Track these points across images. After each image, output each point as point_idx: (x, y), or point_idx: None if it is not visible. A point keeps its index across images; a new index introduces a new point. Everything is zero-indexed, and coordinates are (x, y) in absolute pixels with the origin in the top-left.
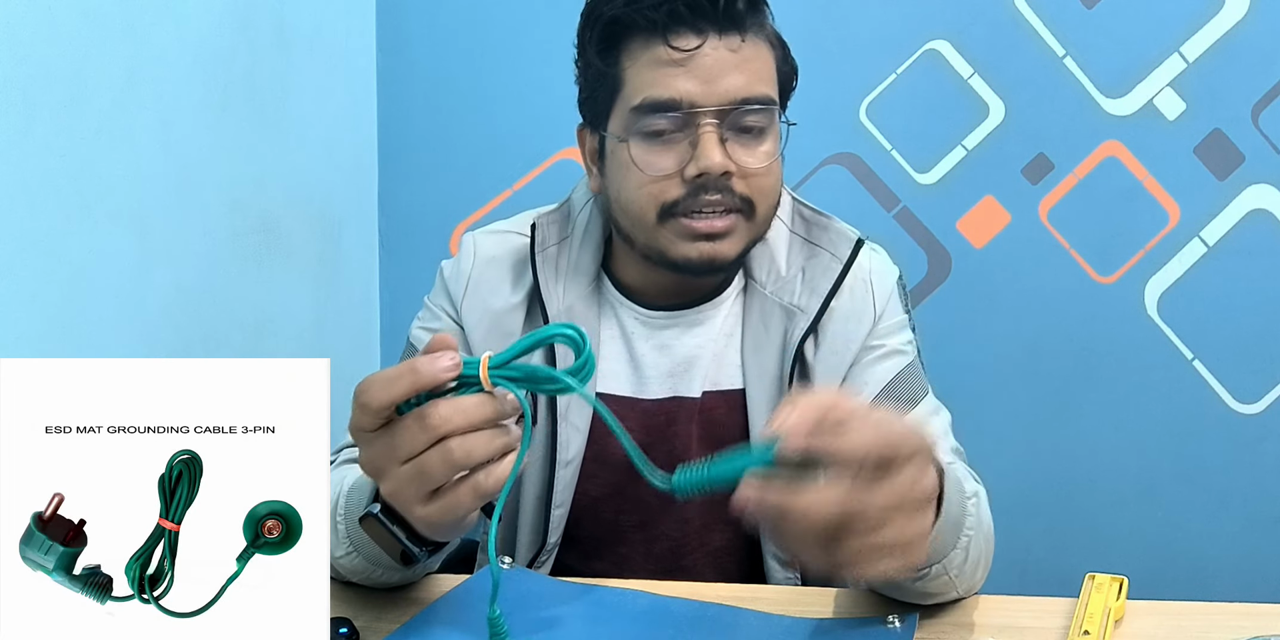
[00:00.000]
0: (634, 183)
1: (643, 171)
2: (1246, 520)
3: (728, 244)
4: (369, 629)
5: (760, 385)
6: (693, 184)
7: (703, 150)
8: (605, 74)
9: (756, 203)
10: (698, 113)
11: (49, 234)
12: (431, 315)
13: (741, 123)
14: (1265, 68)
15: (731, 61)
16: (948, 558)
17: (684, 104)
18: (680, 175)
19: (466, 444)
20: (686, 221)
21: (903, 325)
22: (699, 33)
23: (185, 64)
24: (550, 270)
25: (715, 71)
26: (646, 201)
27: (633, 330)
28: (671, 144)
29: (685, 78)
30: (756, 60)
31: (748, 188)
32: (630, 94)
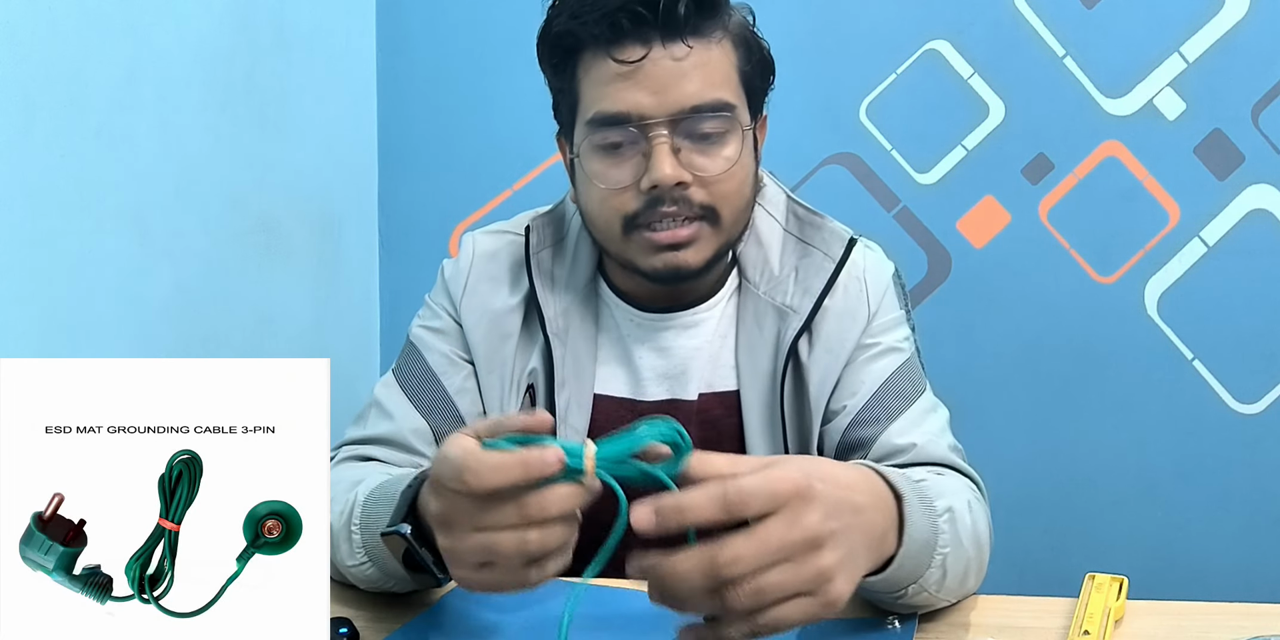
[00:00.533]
0: (596, 197)
1: (600, 185)
2: (1246, 520)
3: (692, 252)
4: (369, 629)
5: (754, 386)
6: (649, 196)
7: (654, 162)
8: (563, 89)
9: (720, 208)
10: (648, 124)
11: (49, 234)
12: (432, 314)
13: (696, 129)
14: (1265, 68)
15: (680, 69)
16: (923, 578)
17: (634, 116)
18: (636, 187)
19: (545, 537)
20: (649, 234)
21: (899, 321)
22: (644, 43)
23: (185, 64)
24: (546, 273)
25: (664, 81)
26: (609, 215)
27: (628, 332)
28: (626, 156)
29: (634, 89)
30: (708, 65)
31: (708, 195)
32: (585, 108)
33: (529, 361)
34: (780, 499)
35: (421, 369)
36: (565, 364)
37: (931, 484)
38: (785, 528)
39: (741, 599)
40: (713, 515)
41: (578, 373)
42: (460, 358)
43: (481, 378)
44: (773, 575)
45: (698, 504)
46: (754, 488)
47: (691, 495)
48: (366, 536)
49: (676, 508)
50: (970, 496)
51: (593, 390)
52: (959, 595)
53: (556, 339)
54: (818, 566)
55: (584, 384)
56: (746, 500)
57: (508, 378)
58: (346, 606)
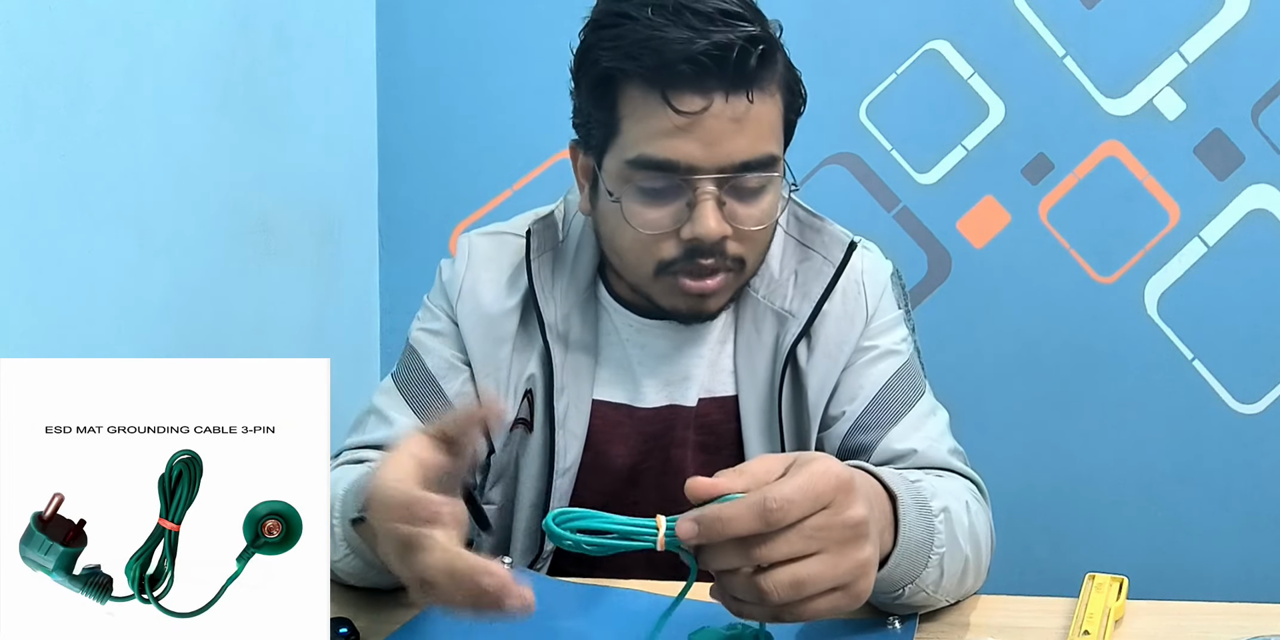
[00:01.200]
0: (629, 236)
1: (638, 229)
2: (1246, 520)
3: (714, 300)
4: (369, 629)
5: (752, 391)
6: (688, 246)
7: (699, 216)
8: (598, 118)
9: (748, 260)
10: (697, 179)
11: (49, 234)
12: (431, 315)
13: (742, 184)
14: (1265, 68)
15: (736, 125)
16: (919, 578)
17: (683, 167)
18: (676, 235)
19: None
20: (682, 280)
21: (897, 322)
22: (704, 94)
23: (185, 64)
24: (546, 277)
25: (718, 134)
26: (643, 257)
27: (628, 338)
28: (668, 202)
29: (686, 140)
30: (763, 119)
31: (741, 247)
32: (626, 145)
33: (527, 366)
34: (824, 500)
35: (420, 373)
36: (564, 369)
37: (927, 485)
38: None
39: (779, 590)
40: (752, 525)
41: (577, 378)
42: (459, 360)
43: (478, 381)
44: (813, 565)
45: (737, 514)
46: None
47: (733, 506)
48: (346, 529)
49: (717, 518)
50: (969, 498)
51: (591, 396)
52: (958, 595)
53: (556, 344)
54: (857, 559)
55: (583, 389)
56: (787, 507)
57: (504, 382)
58: (346, 606)
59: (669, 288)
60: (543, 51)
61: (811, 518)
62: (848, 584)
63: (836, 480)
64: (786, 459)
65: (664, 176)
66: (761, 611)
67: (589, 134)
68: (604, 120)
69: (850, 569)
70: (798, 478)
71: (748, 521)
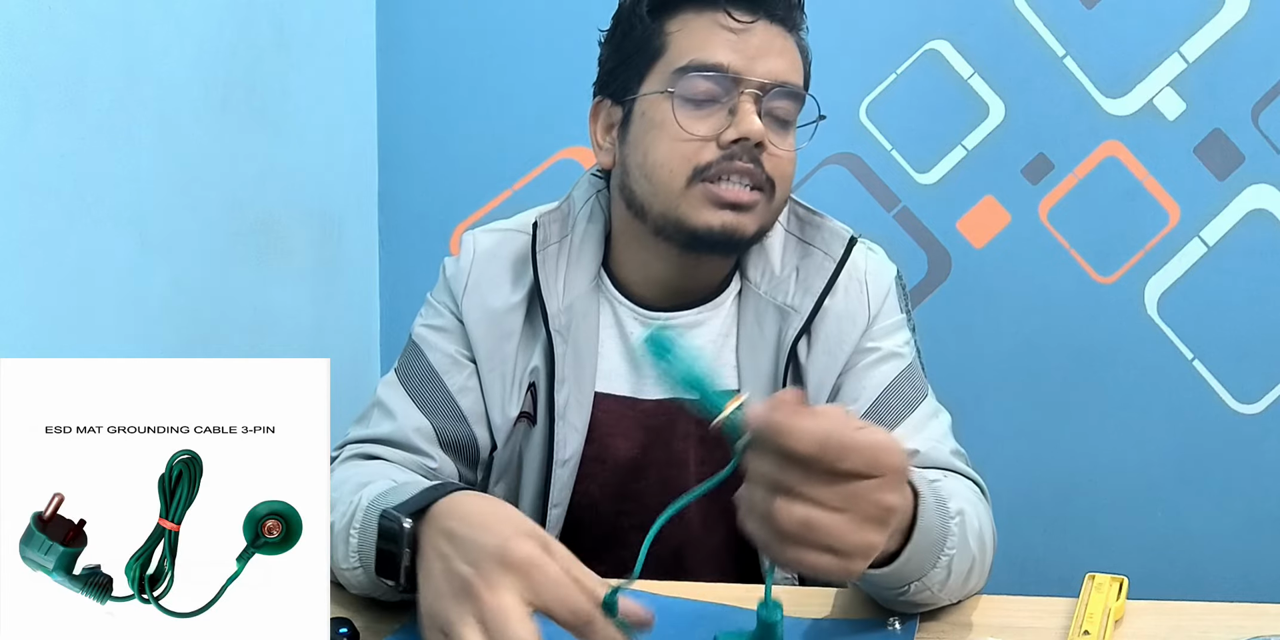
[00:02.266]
0: (668, 141)
1: (681, 128)
2: (1246, 520)
3: (749, 218)
4: (369, 629)
5: (755, 386)
6: (728, 150)
7: (742, 116)
8: (649, 38)
9: (778, 185)
10: (741, 81)
11: (49, 234)
12: (435, 312)
13: (776, 107)
14: (1265, 68)
15: (777, 46)
16: (926, 576)
17: (731, 71)
18: (716, 140)
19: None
20: (714, 187)
21: (899, 325)
22: (753, 12)
23: (185, 64)
24: (551, 268)
25: (762, 50)
26: (679, 162)
27: (631, 330)
28: (711, 110)
29: (733, 48)
30: (794, 54)
31: (774, 168)
32: (676, 56)
33: (530, 359)
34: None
35: (423, 368)
36: (566, 361)
37: (944, 485)
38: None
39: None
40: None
41: (578, 370)
42: (463, 356)
43: (483, 376)
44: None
45: (804, 431)
46: (862, 446)
47: (802, 423)
48: (363, 541)
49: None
50: (976, 500)
51: (594, 388)
52: (960, 596)
53: (559, 335)
54: (869, 540)
55: (585, 381)
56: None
57: (509, 376)
58: (346, 606)
59: (702, 198)
60: (543, 51)
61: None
62: (849, 555)
63: (898, 461)
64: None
65: (712, 78)
66: (760, 531)
67: (627, 67)
68: (653, 39)
69: (859, 544)
70: (874, 436)
71: (808, 443)
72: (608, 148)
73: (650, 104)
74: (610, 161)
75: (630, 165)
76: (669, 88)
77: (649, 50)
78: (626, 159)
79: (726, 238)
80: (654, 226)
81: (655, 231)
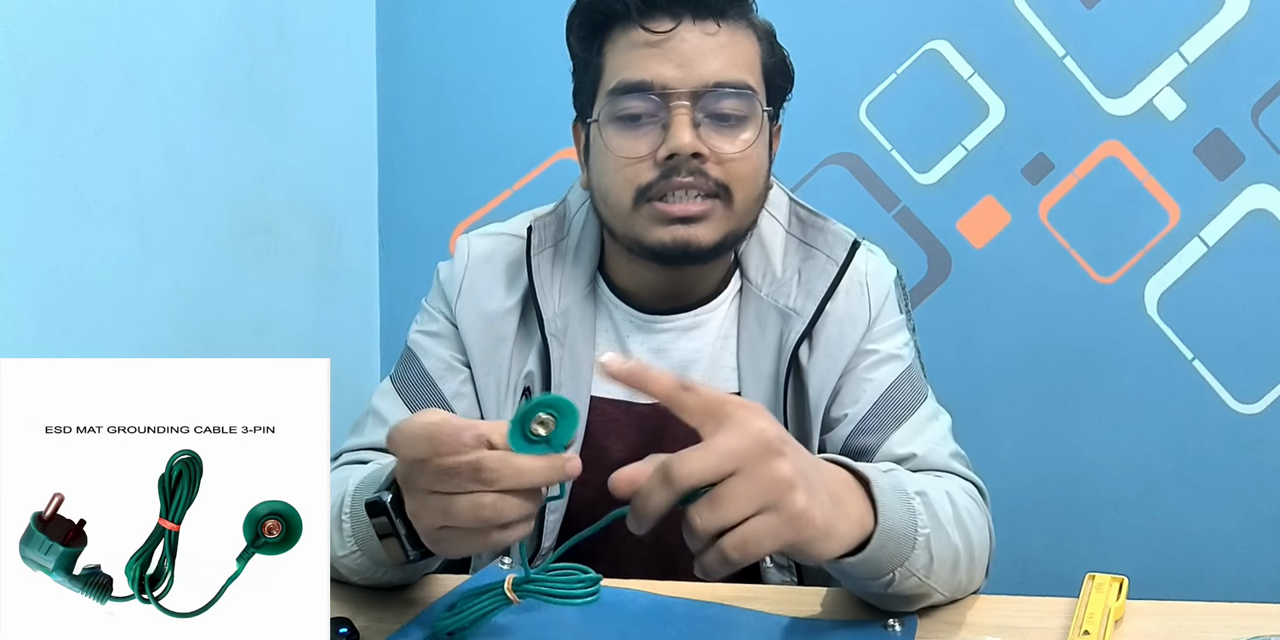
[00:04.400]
0: (610, 167)
1: (617, 155)
2: (1246, 520)
3: (702, 229)
4: (369, 629)
5: (755, 388)
6: (665, 166)
7: (673, 131)
8: (587, 62)
9: (734, 189)
10: (670, 94)
11: (49, 234)
12: (429, 318)
13: (716, 107)
14: (1265, 68)
15: (707, 45)
16: (909, 560)
17: (656, 86)
18: (653, 158)
19: (501, 505)
20: (660, 205)
21: (899, 327)
22: (674, 17)
23: (185, 64)
24: (546, 272)
25: (690, 55)
26: (622, 186)
27: (627, 334)
28: (645, 127)
29: (659, 60)
30: (734, 46)
31: (724, 173)
32: (608, 78)
33: (526, 363)
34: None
35: (418, 374)
36: (562, 365)
37: (900, 473)
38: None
39: (702, 515)
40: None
41: (574, 374)
42: (458, 361)
43: (478, 380)
44: (727, 485)
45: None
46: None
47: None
48: (356, 524)
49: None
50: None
51: (589, 392)
52: (954, 587)
53: (554, 340)
54: (773, 472)
55: (580, 386)
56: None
57: (504, 380)
58: (346, 606)
59: (650, 217)
60: (543, 51)
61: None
62: (775, 504)
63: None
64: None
65: (641, 98)
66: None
67: (582, 94)
68: (592, 62)
69: (768, 483)
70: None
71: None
72: (584, 167)
73: (596, 129)
74: (585, 182)
75: (594, 188)
76: (604, 113)
77: (590, 74)
78: (591, 182)
79: (682, 251)
80: (623, 244)
81: (626, 249)
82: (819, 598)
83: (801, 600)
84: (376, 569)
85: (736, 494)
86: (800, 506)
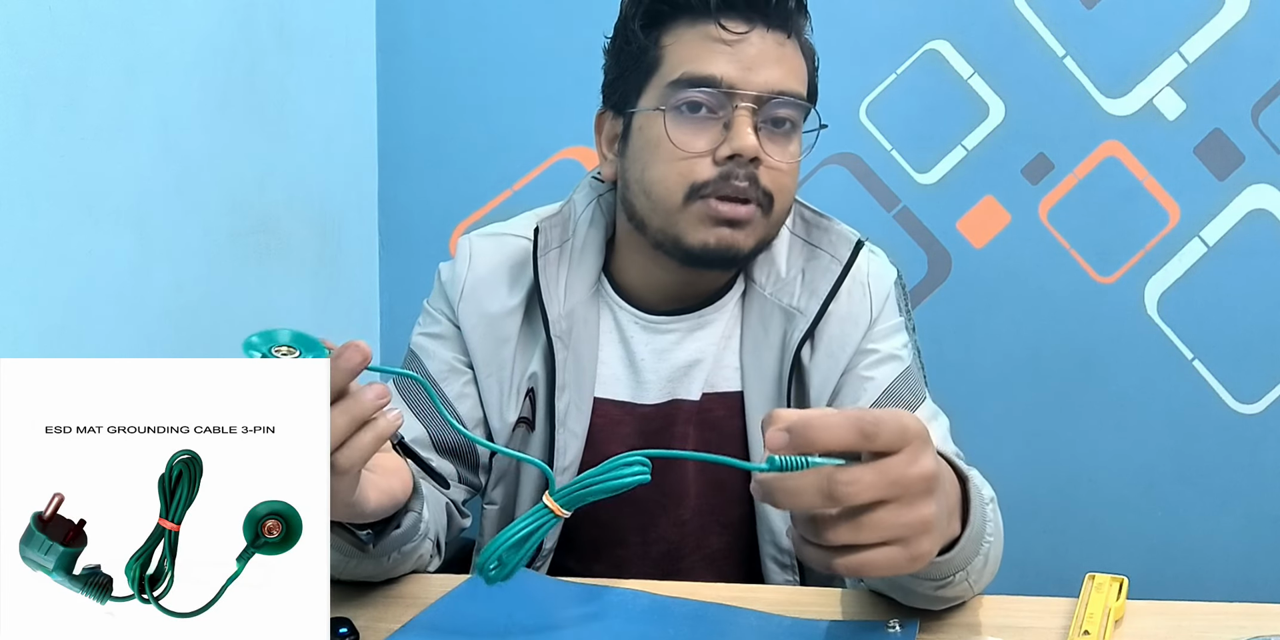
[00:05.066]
0: (664, 158)
1: (675, 146)
2: (1246, 520)
3: (745, 234)
4: (369, 629)
5: (759, 388)
6: (723, 166)
7: (736, 131)
8: (645, 51)
9: (776, 199)
10: (736, 94)
11: (49, 234)
12: (431, 320)
13: (775, 115)
14: (1265, 68)
15: (774, 54)
16: (970, 565)
17: (724, 83)
18: (712, 156)
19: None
20: (713, 204)
21: (898, 328)
22: (748, 21)
23: (185, 64)
24: (551, 274)
25: (758, 60)
26: (675, 180)
27: (632, 334)
28: (705, 124)
29: (728, 60)
30: (795, 59)
31: (771, 181)
32: (669, 70)
33: (529, 365)
34: (909, 436)
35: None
36: (567, 367)
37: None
38: (905, 464)
39: (841, 532)
40: (846, 437)
41: (579, 376)
42: (460, 362)
43: (480, 381)
44: (878, 513)
45: (834, 424)
46: (888, 418)
47: (828, 416)
48: None
49: (808, 425)
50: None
51: (593, 394)
52: (980, 589)
53: (559, 341)
54: (921, 514)
55: (584, 387)
56: (879, 430)
57: (507, 381)
58: (346, 606)
59: (699, 216)
60: (543, 51)
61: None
62: (907, 540)
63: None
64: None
65: (705, 93)
66: (817, 553)
67: (626, 79)
68: (650, 52)
69: (913, 522)
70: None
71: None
72: (611, 160)
73: (646, 119)
74: (612, 173)
75: (630, 180)
76: (663, 103)
77: (644, 63)
78: (626, 173)
79: (722, 254)
80: (653, 240)
81: (655, 245)
82: (819, 598)
83: (802, 600)
84: (346, 561)
85: (882, 524)
86: (925, 550)
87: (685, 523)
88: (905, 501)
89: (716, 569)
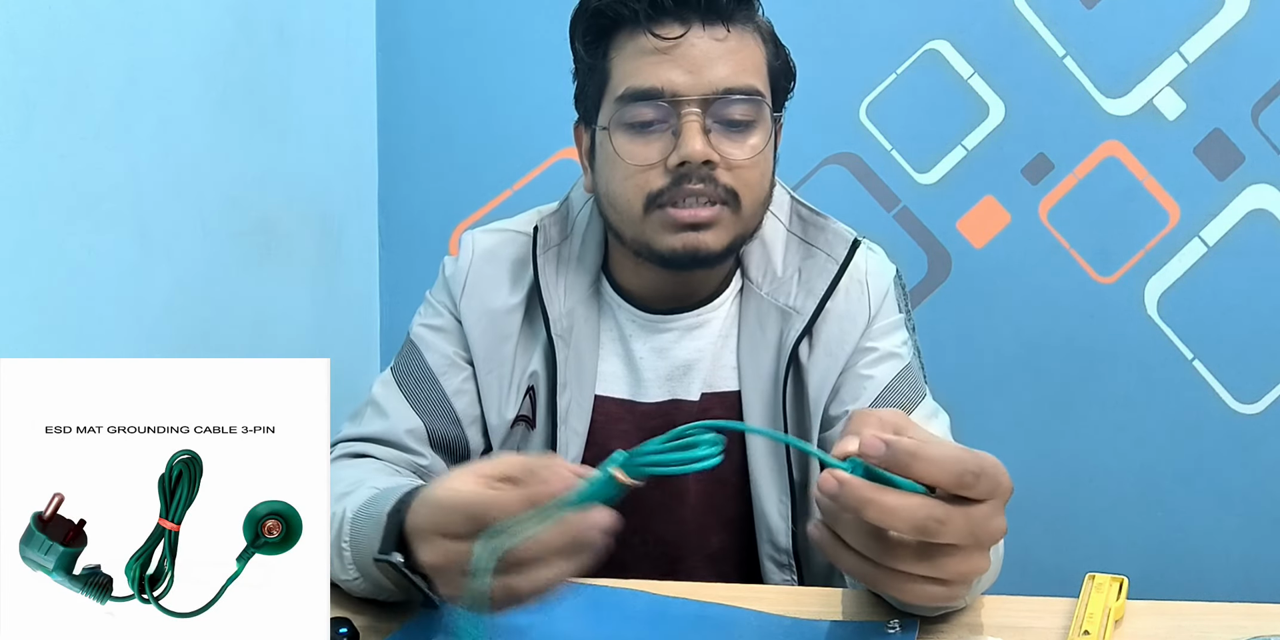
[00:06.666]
0: (620, 174)
1: (627, 162)
2: (1246, 520)
3: (712, 235)
4: (369, 629)
5: (756, 387)
6: (675, 173)
7: (684, 139)
8: (593, 67)
9: (742, 195)
10: (681, 101)
11: (49, 234)
12: (433, 311)
13: (726, 114)
14: (1265, 68)
15: (717, 51)
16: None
17: (666, 93)
18: (664, 165)
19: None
20: (671, 211)
21: (897, 325)
22: (683, 22)
23: (185, 64)
24: (551, 273)
25: (700, 61)
26: (632, 193)
27: (631, 333)
28: (655, 134)
29: (669, 67)
30: (743, 51)
31: (733, 179)
32: (616, 85)
33: (530, 362)
34: (1000, 492)
35: (420, 368)
36: (568, 365)
37: None
38: (988, 517)
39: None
40: (944, 479)
41: (580, 374)
42: (460, 357)
43: (480, 377)
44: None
45: (939, 460)
46: (990, 471)
47: (937, 451)
48: (358, 555)
49: (914, 455)
50: None
51: (594, 392)
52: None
53: (560, 340)
54: (979, 566)
55: (585, 385)
56: (978, 482)
57: (507, 378)
58: (346, 606)
59: (661, 224)
60: (543, 51)
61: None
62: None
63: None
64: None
65: (650, 105)
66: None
67: (586, 98)
68: (598, 68)
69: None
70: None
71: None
72: (588, 171)
73: (604, 135)
74: (589, 186)
75: (599, 192)
76: (613, 120)
77: (597, 79)
78: (596, 186)
79: (692, 257)
80: (631, 248)
81: (633, 253)
82: (820, 598)
83: (802, 600)
84: (381, 592)
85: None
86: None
87: (685, 523)
88: (973, 550)
89: (716, 569)
